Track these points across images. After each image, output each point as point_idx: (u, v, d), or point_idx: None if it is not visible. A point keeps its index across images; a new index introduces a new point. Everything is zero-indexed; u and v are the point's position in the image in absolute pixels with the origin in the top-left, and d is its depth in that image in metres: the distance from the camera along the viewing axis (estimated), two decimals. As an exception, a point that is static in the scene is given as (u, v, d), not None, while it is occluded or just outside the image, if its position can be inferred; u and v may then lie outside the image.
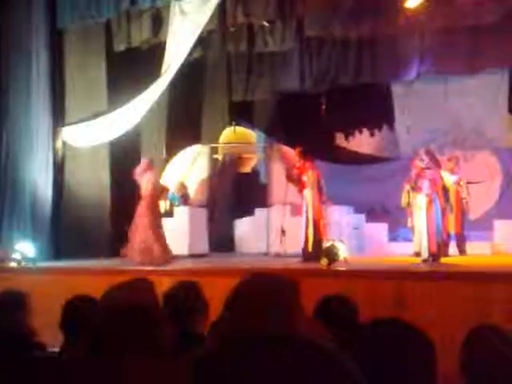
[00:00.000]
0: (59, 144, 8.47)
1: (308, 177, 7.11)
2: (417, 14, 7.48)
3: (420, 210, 6.74)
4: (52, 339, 2.51)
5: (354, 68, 9.41)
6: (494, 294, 4.80)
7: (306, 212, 7.10)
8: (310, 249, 6.95)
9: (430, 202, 6.64)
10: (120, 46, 8.46)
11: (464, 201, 8.10)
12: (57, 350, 2.16)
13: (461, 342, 1.83)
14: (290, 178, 7.42)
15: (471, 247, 7.99)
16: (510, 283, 4.85)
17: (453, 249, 7.88)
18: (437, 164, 7.03)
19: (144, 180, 7.07)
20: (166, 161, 9.76)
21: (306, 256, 6.95)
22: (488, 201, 9.53)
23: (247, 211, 9.22)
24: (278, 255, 7.73)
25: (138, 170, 7.15)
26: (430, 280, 5.20)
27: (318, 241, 6.91)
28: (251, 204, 9.28)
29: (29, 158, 8.08)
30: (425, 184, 6.69)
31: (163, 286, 2.61)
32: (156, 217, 7.11)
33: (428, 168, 6.77)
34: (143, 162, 7.34)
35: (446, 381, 1.44)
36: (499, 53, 8.60)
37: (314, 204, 7.06)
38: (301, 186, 7.20)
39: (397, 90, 10.56)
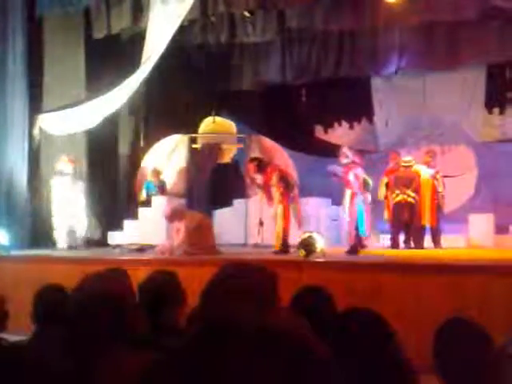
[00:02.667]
0: (36, 131, 8.34)
1: (272, 181, 7.08)
2: (396, 9, 7.54)
3: (345, 203, 6.96)
4: (25, 329, 2.48)
5: (334, 61, 9.44)
6: (467, 286, 4.90)
7: (276, 211, 7.12)
8: (277, 246, 6.97)
9: (353, 197, 6.82)
10: (99, 34, 8.33)
11: (440, 194, 8.20)
12: (24, 338, 2.13)
13: (434, 333, 1.86)
14: (258, 187, 7.47)
15: (446, 240, 8.11)
16: (483, 276, 4.96)
17: (428, 242, 8.00)
18: (359, 159, 7.21)
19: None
20: (144, 150, 9.67)
21: (276, 251, 6.97)
22: (463, 194, 9.66)
23: (226, 202, 9.20)
24: (256, 246, 7.75)
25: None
26: (405, 272, 5.28)
27: (284, 238, 6.91)
28: (230, 195, 9.26)
29: (4, 145, 7.95)
30: (351, 179, 6.89)
31: (140, 275, 2.59)
32: None
33: (353, 163, 6.95)
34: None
35: (420, 372, 1.47)
36: (477, 49, 8.70)
37: (282, 204, 7.03)
38: (269, 194, 7.19)
39: (376, 83, 10.62)
